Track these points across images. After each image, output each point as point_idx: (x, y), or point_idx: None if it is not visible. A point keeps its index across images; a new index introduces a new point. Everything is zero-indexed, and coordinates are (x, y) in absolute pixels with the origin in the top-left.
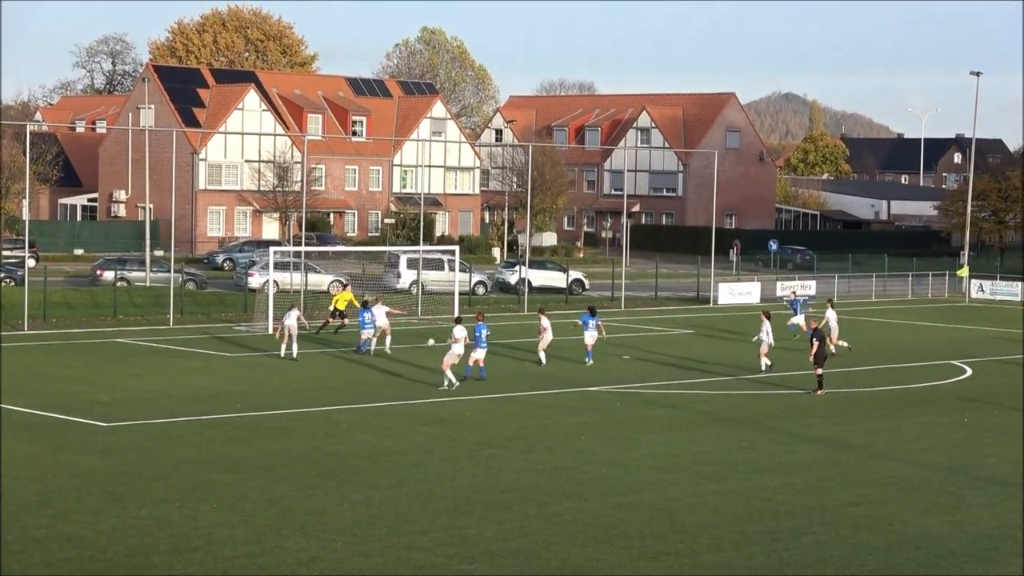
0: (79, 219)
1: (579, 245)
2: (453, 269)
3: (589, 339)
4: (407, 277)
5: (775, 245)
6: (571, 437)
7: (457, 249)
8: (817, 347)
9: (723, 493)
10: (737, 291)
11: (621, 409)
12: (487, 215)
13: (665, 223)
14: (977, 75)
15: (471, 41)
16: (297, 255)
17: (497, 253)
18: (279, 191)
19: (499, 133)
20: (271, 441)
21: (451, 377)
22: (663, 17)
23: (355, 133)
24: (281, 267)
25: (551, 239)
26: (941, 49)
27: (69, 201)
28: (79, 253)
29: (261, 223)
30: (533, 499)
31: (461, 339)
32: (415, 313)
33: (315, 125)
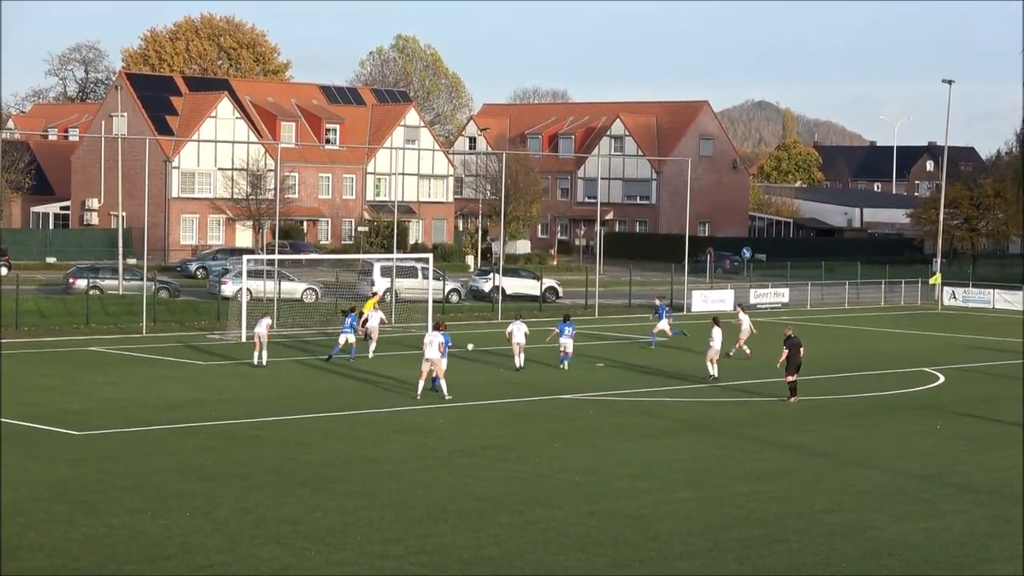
0: (51, 227)
1: (553, 253)
2: (427, 277)
3: (566, 345)
4: (381, 285)
5: (748, 252)
6: (545, 445)
7: (431, 257)
8: (788, 353)
9: (696, 501)
10: (711, 298)
11: (595, 417)
12: (461, 223)
13: (639, 231)
14: (949, 83)
15: (445, 49)
16: (270, 263)
17: (471, 261)
18: (252, 199)
19: (473, 141)
20: (245, 450)
21: (420, 387)
22: (637, 23)
23: (328, 141)
24: (254, 275)
25: (525, 247)
26: (913, 58)
27: (41, 209)
28: (52, 261)
29: (234, 231)
30: (506, 507)
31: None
32: (388, 321)
33: (288, 133)
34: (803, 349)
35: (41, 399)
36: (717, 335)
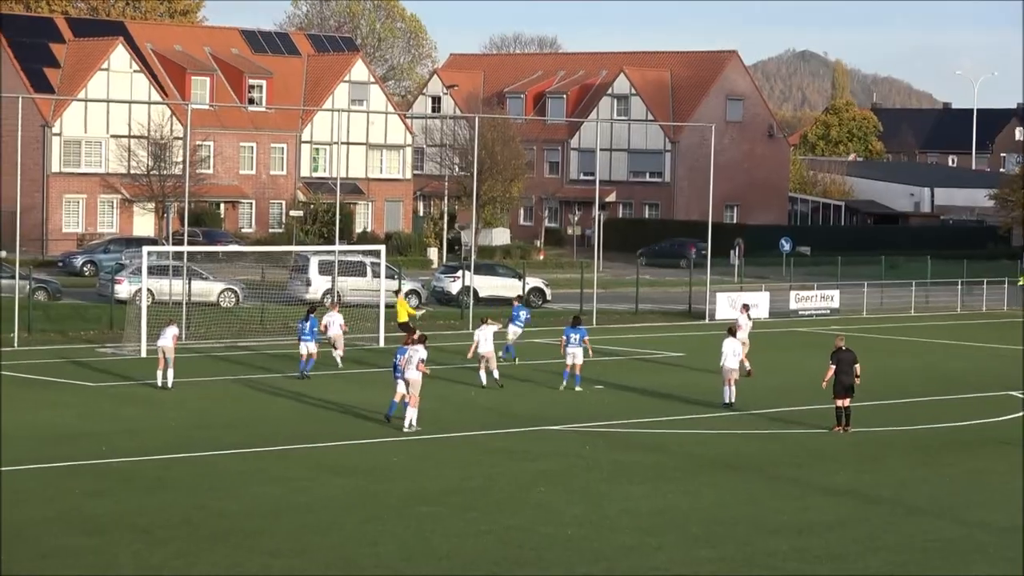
0: None
1: (539, 244)
2: (378, 275)
3: (570, 358)
4: (319, 285)
5: (788, 244)
6: (527, 489)
7: (383, 249)
8: (836, 370)
9: (721, 561)
10: (740, 303)
11: (591, 453)
12: (421, 206)
13: (648, 216)
14: None
15: None
16: (178, 257)
17: (434, 254)
18: (155, 175)
19: (437, 101)
20: (145, 495)
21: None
22: None
23: (252, 101)
24: (157, 272)
25: (503, 236)
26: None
27: None
28: None
29: (132, 216)
30: (478, 569)
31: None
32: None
33: (201, 90)
34: (858, 366)
35: None
36: (728, 348)
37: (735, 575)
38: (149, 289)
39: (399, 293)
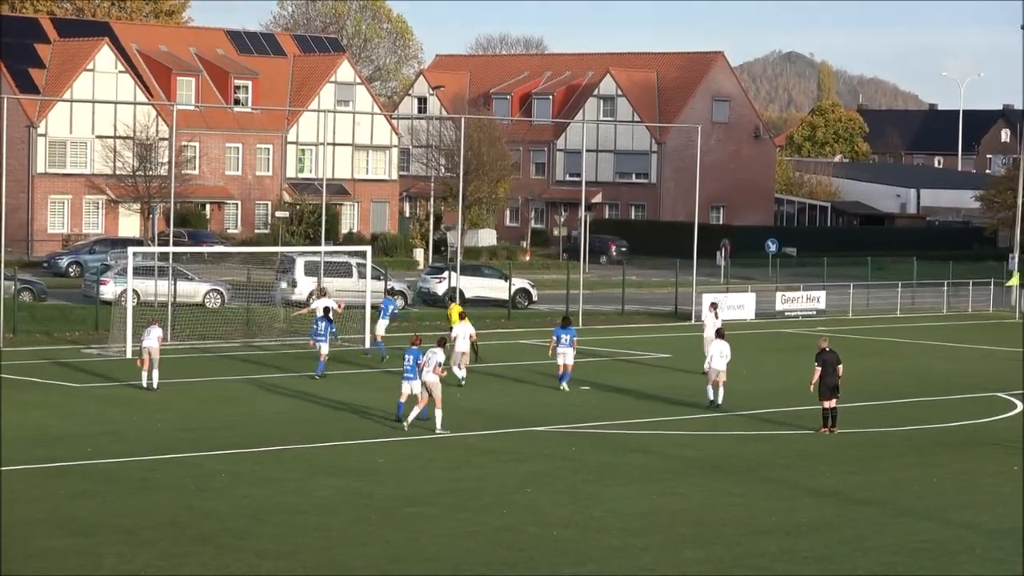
0: None
1: (525, 245)
2: (364, 276)
3: (560, 358)
4: (305, 286)
5: (774, 245)
6: (514, 491)
7: (369, 250)
8: (821, 372)
9: (708, 562)
10: (726, 304)
11: (578, 454)
12: (407, 207)
13: (635, 217)
14: None
15: None
16: (163, 258)
17: (420, 255)
18: (140, 176)
19: (423, 102)
20: (131, 496)
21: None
22: None
23: (238, 102)
24: (143, 273)
25: (489, 237)
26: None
27: None
28: None
29: (117, 217)
30: (466, 571)
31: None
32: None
33: (186, 91)
34: (840, 367)
35: None
36: (715, 349)
37: None
38: (134, 290)
39: (452, 299)
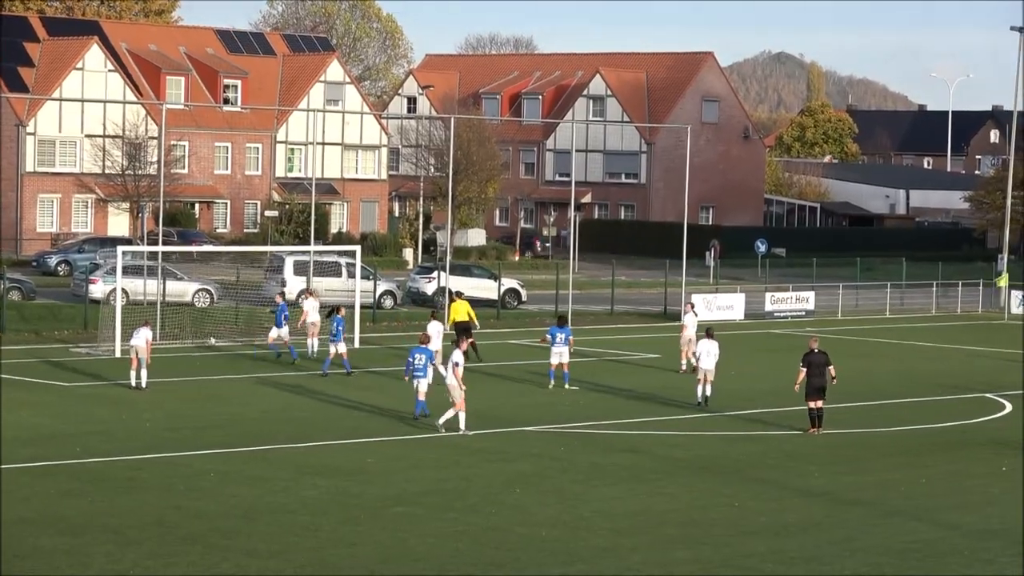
0: None
1: (514, 246)
2: (353, 275)
3: (556, 357)
4: (294, 285)
5: (763, 246)
6: (502, 491)
7: (359, 250)
8: (807, 373)
9: (696, 562)
10: (715, 304)
11: (566, 454)
12: (397, 206)
13: (624, 217)
14: (1020, 31)
15: None
16: (152, 257)
17: (409, 255)
18: (129, 175)
19: (412, 102)
20: (119, 495)
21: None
22: None
23: (227, 101)
24: (132, 272)
25: (479, 237)
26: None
27: None
28: None
29: (106, 216)
30: (454, 570)
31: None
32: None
33: (176, 90)
34: (832, 368)
35: None
36: (704, 348)
37: None
38: (124, 289)
39: (459, 294)
